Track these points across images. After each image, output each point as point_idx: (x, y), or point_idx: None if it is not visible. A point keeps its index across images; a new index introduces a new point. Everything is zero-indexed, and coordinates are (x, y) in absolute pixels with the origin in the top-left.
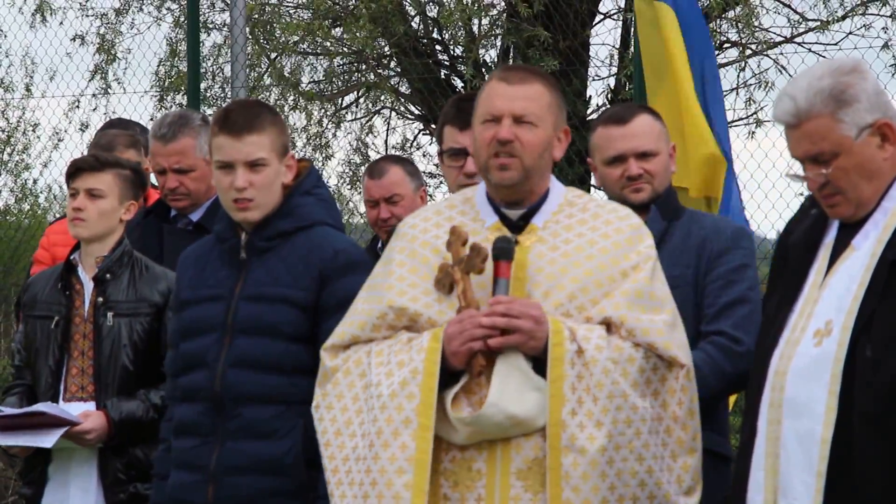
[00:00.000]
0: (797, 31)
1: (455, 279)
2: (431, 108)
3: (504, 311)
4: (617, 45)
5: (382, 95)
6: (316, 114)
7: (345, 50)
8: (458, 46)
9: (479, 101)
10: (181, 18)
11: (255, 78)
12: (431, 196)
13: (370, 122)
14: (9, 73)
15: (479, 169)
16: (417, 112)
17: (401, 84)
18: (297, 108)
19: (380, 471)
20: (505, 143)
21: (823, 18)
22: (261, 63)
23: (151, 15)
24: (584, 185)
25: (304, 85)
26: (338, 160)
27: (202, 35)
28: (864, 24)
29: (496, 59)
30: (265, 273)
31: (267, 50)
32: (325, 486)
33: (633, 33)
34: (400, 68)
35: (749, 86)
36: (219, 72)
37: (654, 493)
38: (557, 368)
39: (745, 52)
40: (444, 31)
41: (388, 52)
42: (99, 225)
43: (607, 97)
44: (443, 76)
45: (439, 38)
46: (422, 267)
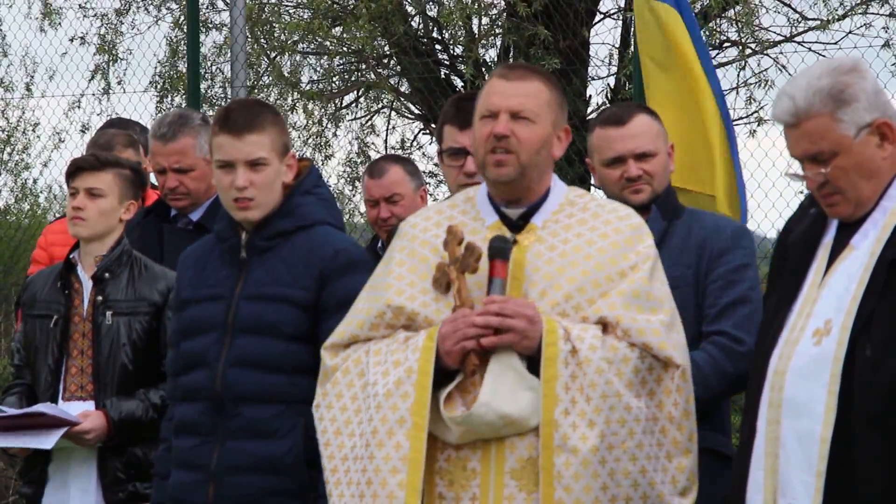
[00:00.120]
0: (797, 30)
1: (451, 278)
2: (431, 107)
3: (497, 310)
4: (617, 45)
5: (382, 95)
6: (316, 113)
7: (345, 49)
8: (458, 46)
9: (479, 99)
10: (181, 18)
11: (255, 77)
12: (432, 195)
13: (370, 122)
14: (8, 72)
15: (477, 166)
16: (417, 111)
17: (400, 84)
18: (295, 110)
19: (374, 470)
20: (501, 137)
21: (823, 17)
22: (260, 63)
23: (151, 14)
24: (583, 184)
25: (304, 84)
26: (338, 160)
27: (202, 35)
28: (864, 24)
29: (496, 58)
30: (265, 272)
31: (266, 49)
32: (325, 486)
33: (632, 33)
34: (400, 68)
35: (749, 85)
36: (218, 73)
37: (648, 494)
38: (551, 368)
39: (745, 51)
40: (443, 31)
41: (388, 51)
42: (98, 224)
43: (607, 96)
44: (443, 76)
45: (439, 37)
46: (421, 266)
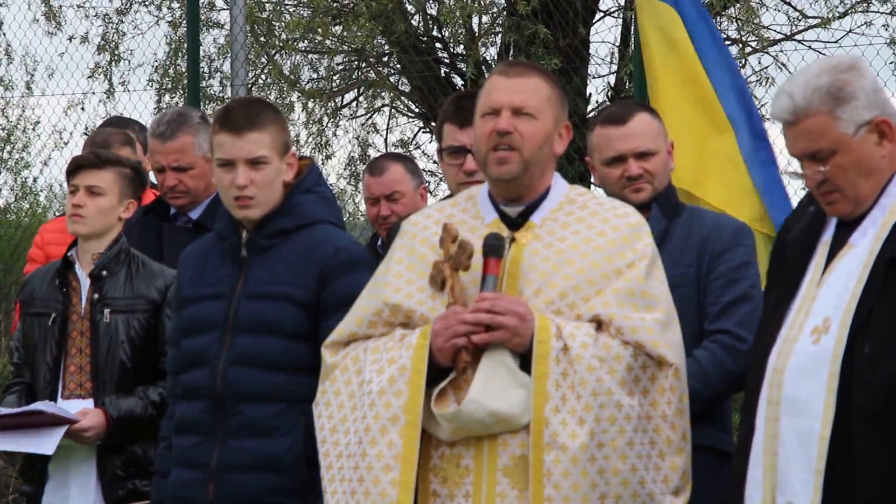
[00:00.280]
0: (797, 28)
1: (445, 276)
2: (431, 105)
3: (488, 307)
4: (617, 43)
5: (382, 93)
6: (317, 112)
7: (345, 48)
8: (459, 44)
9: (480, 97)
10: (181, 17)
11: (255, 76)
12: (431, 193)
13: (370, 120)
14: (8, 71)
15: (478, 163)
16: (417, 110)
17: (401, 83)
18: (293, 110)
19: (367, 467)
20: (504, 134)
21: (824, 16)
22: (260, 61)
23: (153, 14)
24: (583, 182)
25: (304, 83)
26: (338, 159)
27: (202, 33)
28: (865, 22)
29: (496, 56)
30: (266, 271)
31: (267, 48)
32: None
33: (632, 31)
34: (400, 66)
35: (749, 83)
36: (216, 73)
37: (638, 492)
38: (542, 365)
39: (745, 49)
40: (443, 29)
41: (388, 50)
42: (98, 222)
43: (607, 95)
44: (443, 74)
45: (439, 35)
46: (419, 264)
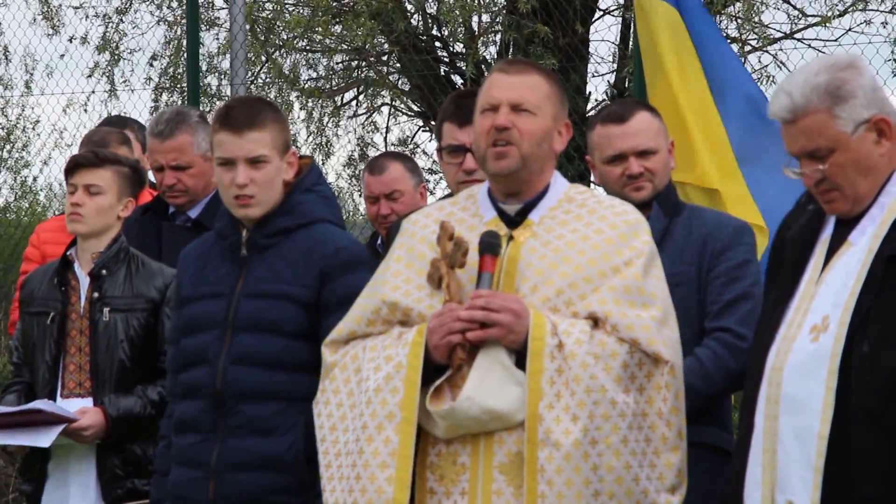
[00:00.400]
0: (797, 27)
1: (441, 273)
2: (431, 104)
3: (483, 304)
4: (617, 42)
5: (382, 92)
6: (316, 112)
7: (345, 47)
8: (458, 43)
9: (480, 94)
10: (181, 17)
11: (254, 75)
12: (431, 192)
13: (370, 119)
14: (7, 70)
15: (478, 160)
16: (417, 109)
17: (400, 81)
18: (292, 109)
19: (364, 465)
20: (502, 129)
21: (823, 14)
22: (259, 60)
23: (153, 14)
24: (583, 181)
25: (304, 82)
26: (337, 158)
27: (202, 32)
28: (864, 20)
29: (496, 55)
30: (266, 270)
31: (267, 46)
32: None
33: (632, 30)
34: (400, 65)
35: None
36: (214, 70)
37: (632, 490)
38: (536, 362)
39: (745, 48)
40: (443, 28)
41: (388, 49)
42: (97, 221)
43: (607, 94)
44: (442, 73)
45: (439, 34)
46: (418, 262)
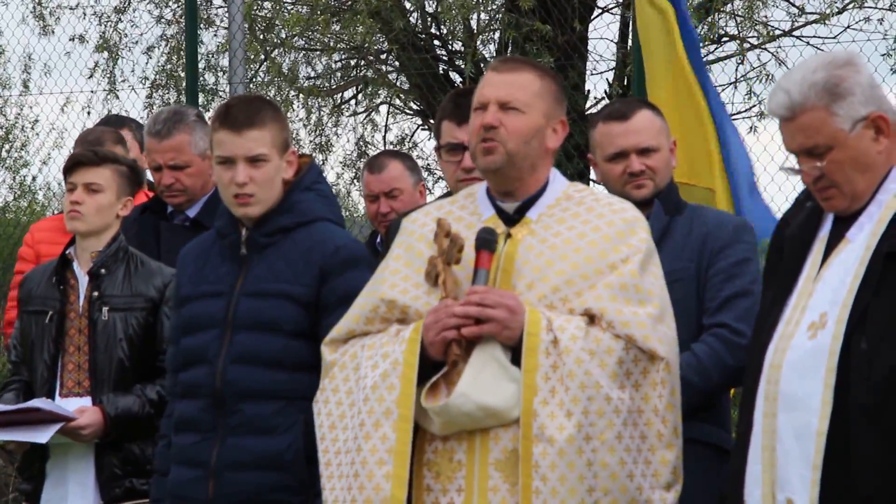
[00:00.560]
0: (796, 24)
1: (438, 270)
2: (430, 103)
3: (478, 300)
4: (616, 40)
5: (380, 91)
6: (315, 111)
7: (344, 45)
8: (457, 41)
9: (475, 93)
10: (180, 16)
11: (253, 74)
12: (430, 191)
13: (369, 118)
14: (6, 69)
15: (472, 158)
16: (416, 107)
17: (399, 80)
18: (292, 106)
19: (362, 462)
20: (489, 128)
21: (822, 12)
22: (258, 59)
23: (153, 15)
24: (582, 179)
25: (302, 81)
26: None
27: (201, 31)
28: (863, 18)
29: (495, 53)
30: (266, 269)
31: (266, 45)
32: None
33: (631, 28)
34: (399, 63)
35: (749, 79)
36: (212, 68)
37: (626, 486)
38: (531, 358)
39: (744, 45)
40: (442, 27)
41: (387, 47)
42: (96, 219)
43: (606, 92)
44: (441, 71)
45: (438, 33)
46: (416, 260)
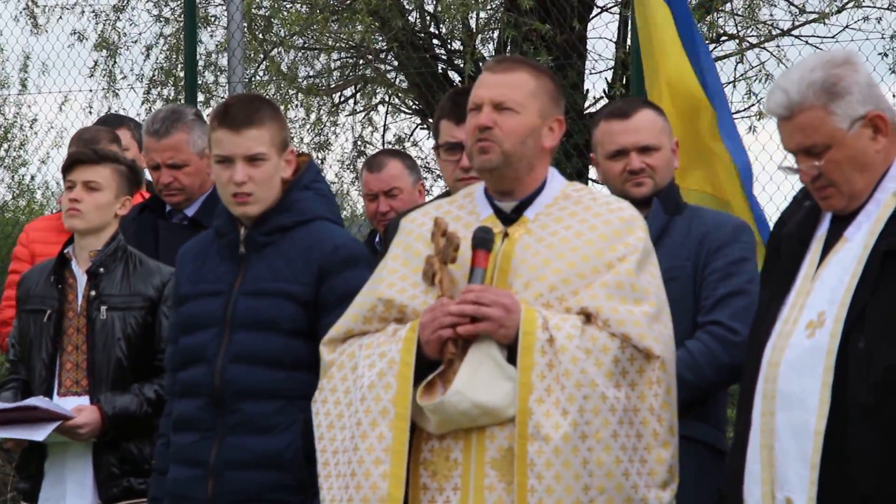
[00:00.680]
0: (795, 23)
1: (434, 269)
2: (429, 102)
3: (474, 298)
4: (614, 40)
5: (379, 90)
6: (314, 110)
7: (343, 44)
8: (456, 40)
9: (471, 94)
10: (179, 15)
11: (252, 73)
12: (429, 190)
13: (368, 117)
14: (4, 68)
15: (468, 159)
16: (415, 106)
17: (398, 79)
18: (291, 106)
19: (359, 461)
20: (484, 129)
21: (821, 11)
22: (257, 58)
23: (152, 14)
24: (581, 178)
25: (301, 80)
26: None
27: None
28: (862, 17)
29: (493, 53)
30: (264, 268)
31: (265, 44)
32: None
33: (630, 28)
34: (397, 62)
35: (748, 78)
36: (211, 66)
37: (622, 485)
38: (527, 357)
39: (743, 44)
40: (441, 25)
41: (386, 46)
42: (95, 218)
43: (605, 92)
44: (440, 70)
45: (437, 32)
46: (414, 260)
